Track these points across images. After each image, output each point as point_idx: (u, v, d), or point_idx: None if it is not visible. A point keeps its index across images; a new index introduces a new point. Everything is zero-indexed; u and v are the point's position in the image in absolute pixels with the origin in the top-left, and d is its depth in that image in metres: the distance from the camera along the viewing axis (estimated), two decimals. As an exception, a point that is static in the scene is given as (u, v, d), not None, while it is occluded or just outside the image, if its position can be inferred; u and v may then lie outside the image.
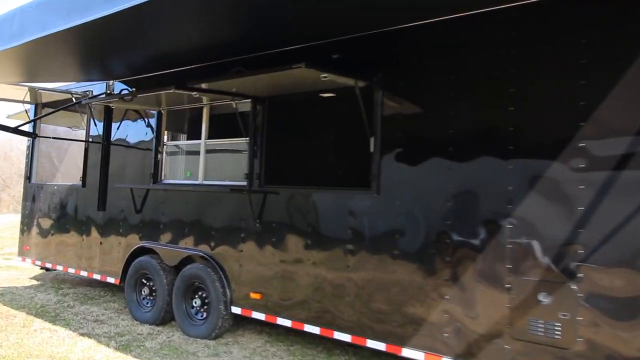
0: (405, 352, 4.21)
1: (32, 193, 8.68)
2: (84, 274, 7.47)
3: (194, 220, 6.04)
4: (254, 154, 5.50)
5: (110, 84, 7.36)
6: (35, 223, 8.49)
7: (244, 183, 5.60)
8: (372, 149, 4.60)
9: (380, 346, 4.37)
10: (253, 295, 5.35)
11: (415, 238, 4.25)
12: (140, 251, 6.67)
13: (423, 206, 4.23)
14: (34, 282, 8.80)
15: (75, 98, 7.57)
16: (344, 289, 4.65)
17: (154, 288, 6.38)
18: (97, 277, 7.24)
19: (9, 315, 6.60)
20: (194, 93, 5.20)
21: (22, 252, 8.73)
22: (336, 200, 4.79)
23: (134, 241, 6.73)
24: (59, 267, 7.93)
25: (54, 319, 6.41)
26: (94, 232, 7.36)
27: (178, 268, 6.17)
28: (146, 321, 6.24)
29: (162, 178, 6.69)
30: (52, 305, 7.18)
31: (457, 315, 3.97)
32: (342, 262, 4.68)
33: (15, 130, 6.46)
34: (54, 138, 7.40)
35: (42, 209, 8.39)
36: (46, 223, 8.25)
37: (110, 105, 6.49)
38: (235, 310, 5.51)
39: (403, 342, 4.23)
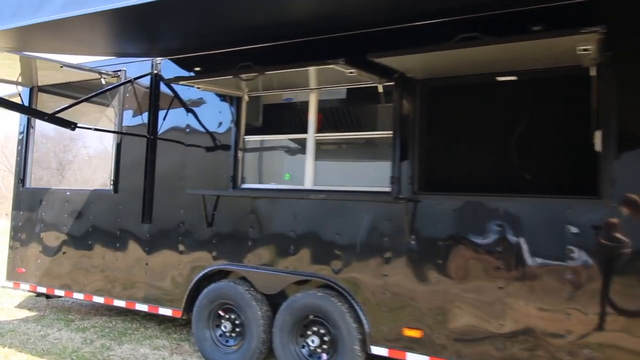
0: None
1: (28, 200, 6.83)
2: (119, 303, 5.85)
3: (304, 236, 4.75)
4: (404, 152, 4.34)
5: (158, 62, 5.84)
6: (35, 238, 6.66)
7: (386, 189, 4.43)
8: (598, 146, 3.65)
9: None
10: (408, 333, 4.19)
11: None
12: (213, 275, 5.26)
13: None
14: (29, 313, 6.95)
15: (105, 79, 5.93)
16: (561, 326, 3.66)
17: (240, 322, 5.01)
18: (141, 307, 5.68)
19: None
20: (350, 71, 3.96)
21: (15, 276, 6.84)
22: (546, 211, 3.77)
23: (204, 262, 5.29)
24: (78, 296, 6.21)
25: (108, 370, 4.85)
26: (135, 250, 5.79)
27: (278, 297, 4.86)
28: (231, 365, 4.88)
29: (242, 182, 5.32)
30: (81, 347, 5.52)
31: None
32: (559, 292, 3.67)
33: (52, 119, 4.79)
34: (95, 129, 5.71)
35: (46, 220, 6.59)
36: (54, 238, 6.48)
37: (196, 86, 4.98)
38: (378, 350, 4.32)
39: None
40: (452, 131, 4.53)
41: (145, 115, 5.88)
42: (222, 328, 5.09)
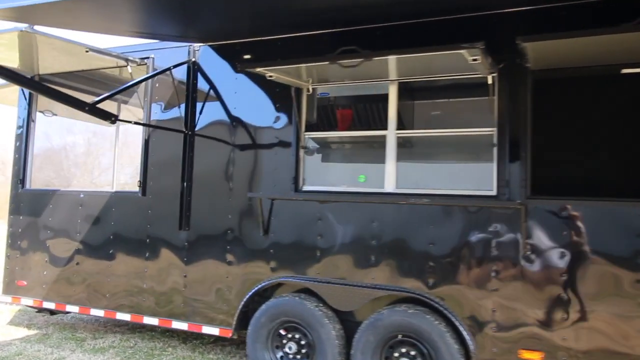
0: None
1: (29, 203, 5.89)
2: (150, 321, 5.08)
3: (389, 246, 4.17)
4: (515, 152, 3.84)
5: (196, 48, 5.09)
6: (39, 247, 5.74)
7: (487, 193, 3.93)
8: None
9: None
10: (526, 355, 3.71)
11: None
12: (271, 288, 4.61)
13: None
14: (28, 332, 6.03)
15: (132, 66, 5.12)
16: None
17: (306, 343, 4.38)
18: (179, 326, 4.93)
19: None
20: (474, 58, 3.39)
21: (14, 290, 5.89)
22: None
23: (261, 274, 4.62)
24: (96, 312, 5.37)
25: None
26: (170, 261, 5.03)
27: (348, 314, 4.28)
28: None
29: (303, 184, 4.67)
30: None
31: None
32: None
33: (93, 109, 3.96)
34: (136, 123, 4.86)
35: (54, 227, 5.68)
36: (64, 247, 5.59)
37: (268, 75, 4.24)
38: (487, 375, 3.82)
39: None
40: (561, 128, 4.07)
41: (180, 108, 5.12)
42: (286, 349, 4.45)
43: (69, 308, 5.53)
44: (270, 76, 4.09)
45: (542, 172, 3.91)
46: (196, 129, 5.04)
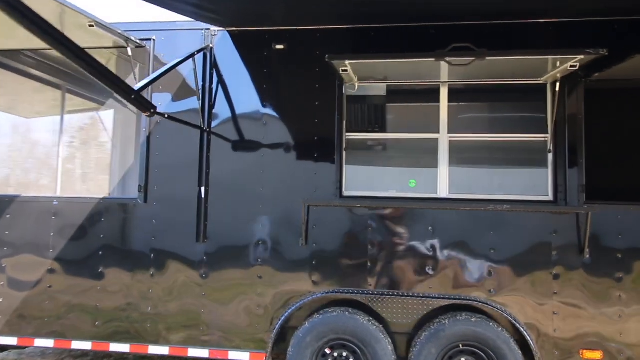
0: None
1: (-26, 212, 4.70)
2: (158, 350, 4.35)
3: (447, 253, 4.07)
4: (573, 158, 3.97)
5: (214, 33, 4.50)
6: (-8, 267, 4.61)
7: (543, 198, 4.03)
8: None
9: None
10: (589, 355, 3.86)
11: None
12: (311, 304, 4.23)
13: None
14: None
15: (131, 47, 4.35)
16: None
17: (357, 361, 4.10)
18: (197, 353, 4.29)
19: None
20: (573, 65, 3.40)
21: (-47, 324, 4.65)
22: None
23: (301, 288, 4.21)
24: (80, 345, 4.46)
25: None
26: (184, 278, 4.36)
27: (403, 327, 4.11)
28: (360, 416, 3.97)
29: (345, 189, 4.36)
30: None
31: None
32: None
33: (137, 97, 3.17)
34: (168, 117, 3.97)
35: (13, 242, 4.60)
36: (31, 267, 4.55)
37: (342, 69, 3.78)
38: (551, 377, 3.90)
39: None
40: (610, 136, 4.32)
41: (193, 100, 4.47)
42: (335, 370, 4.11)
43: (39, 342, 4.52)
44: (345, 70, 3.72)
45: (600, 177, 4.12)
46: (215, 125, 4.45)
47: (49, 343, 4.51)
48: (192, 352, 4.31)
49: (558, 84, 3.90)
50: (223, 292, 4.32)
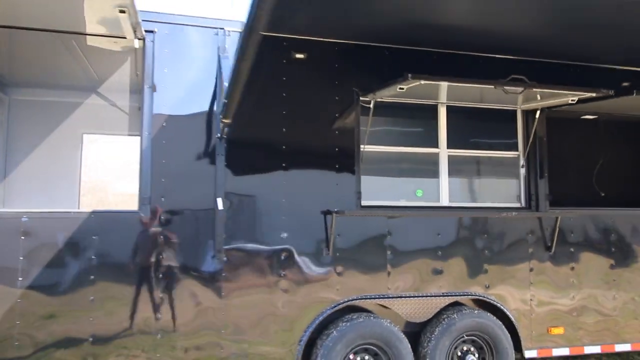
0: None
1: None
2: (170, 381, 3.87)
3: (451, 256, 4.57)
4: (542, 172, 4.87)
5: (228, 33, 4.24)
6: None
7: (516, 205, 4.87)
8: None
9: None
10: (555, 331, 4.78)
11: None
12: (334, 314, 4.30)
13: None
14: None
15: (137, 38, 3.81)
16: (647, 302, 5.09)
17: (380, 362, 4.32)
18: (217, 378, 3.96)
19: None
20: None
21: None
22: (631, 220, 5.11)
23: (327, 297, 4.23)
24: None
25: None
26: (201, 299, 3.97)
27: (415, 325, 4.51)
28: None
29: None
30: None
31: None
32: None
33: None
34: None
35: None
36: (-10, 300, 3.58)
37: (399, 88, 3.79)
38: (530, 353, 4.70)
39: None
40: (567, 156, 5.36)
41: (204, 103, 4.12)
42: (361, 374, 4.25)
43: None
44: (402, 88, 3.88)
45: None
46: (233, 133, 4.15)
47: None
48: (211, 377, 3.96)
49: (538, 112, 4.76)
50: (247, 310, 4.07)
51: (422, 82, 3.69)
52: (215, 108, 4.14)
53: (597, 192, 5.80)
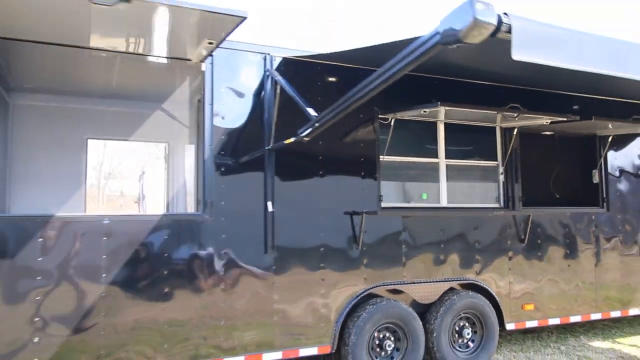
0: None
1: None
2: (232, 361, 4.45)
3: (452, 248, 5.52)
4: (517, 178, 5.97)
5: (274, 58, 4.88)
6: (24, 299, 3.77)
7: (496, 205, 5.94)
8: (596, 179, 6.59)
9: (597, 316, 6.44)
10: (527, 307, 5.88)
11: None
12: (361, 299, 5.08)
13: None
14: None
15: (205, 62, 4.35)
16: (592, 280, 6.37)
17: (397, 338, 5.15)
18: (272, 357, 4.58)
19: None
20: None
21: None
22: (580, 217, 6.37)
23: (356, 285, 5.01)
24: (145, 372, 4.13)
25: None
26: (259, 289, 4.58)
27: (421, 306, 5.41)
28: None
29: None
30: None
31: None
32: (590, 261, 6.37)
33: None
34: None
35: (48, 269, 3.88)
36: (77, 296, 3.95)
37: (423, 111, 4.66)
38: (510, 326, 5.77)
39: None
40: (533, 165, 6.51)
41: (255, 118, 4.73)
42: (386, 348, 5.05)
43: (91, 379, 3.97)
44: (425, 111, 4.73)
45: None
46: (275, 145, 4.77)
47: (106, 378, 4.01)
48: (266, 356, 4.58)
49: (515, 130, 5.85)
50: (291, 297, 4.73)
51: (446, 108, 4.59)
52: (264, 121, 4.75)
53: (553, 194, 7.06)
